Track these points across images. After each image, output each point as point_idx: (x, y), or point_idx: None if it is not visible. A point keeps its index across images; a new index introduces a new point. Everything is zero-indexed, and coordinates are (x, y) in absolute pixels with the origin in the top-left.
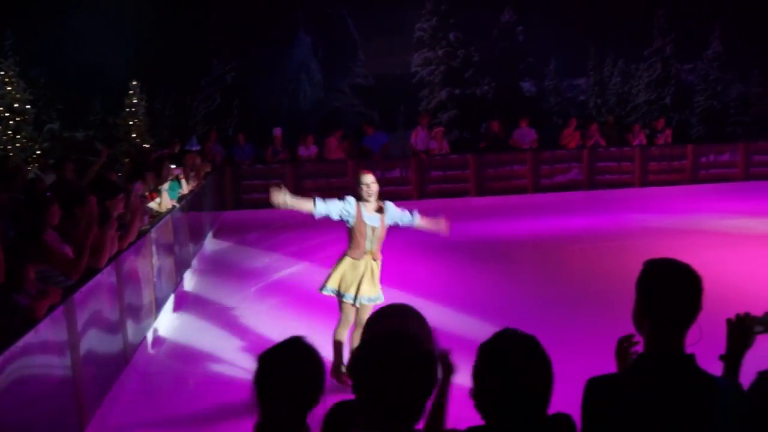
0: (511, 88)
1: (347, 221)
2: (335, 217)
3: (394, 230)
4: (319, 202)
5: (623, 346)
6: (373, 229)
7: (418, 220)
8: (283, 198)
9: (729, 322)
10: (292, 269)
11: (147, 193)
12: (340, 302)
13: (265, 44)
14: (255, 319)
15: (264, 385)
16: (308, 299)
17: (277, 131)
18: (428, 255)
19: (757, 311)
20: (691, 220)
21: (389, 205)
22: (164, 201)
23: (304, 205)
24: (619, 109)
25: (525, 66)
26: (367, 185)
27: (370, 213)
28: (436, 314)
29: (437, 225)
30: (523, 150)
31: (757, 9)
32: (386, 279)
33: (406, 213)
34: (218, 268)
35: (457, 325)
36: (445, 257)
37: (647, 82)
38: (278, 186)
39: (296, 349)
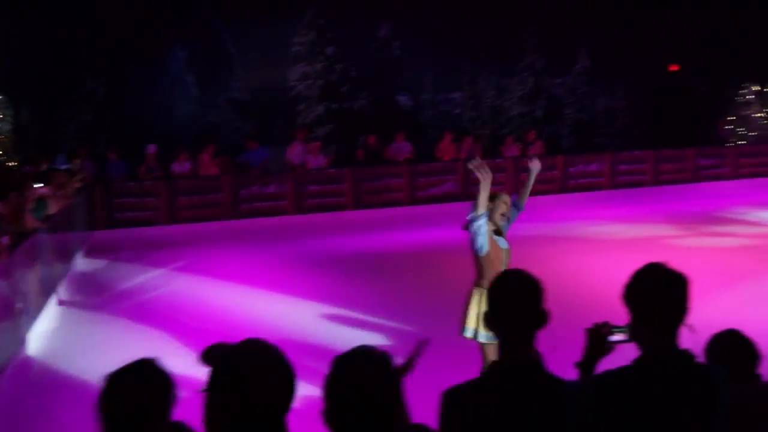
0: (387, 103)
1: (482, 248)
2: (480, 241)
3: (272, 246)
4: (485, 213)
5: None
6: (507, 252)
7: (521, 200)
8: (485, 174)
9: (587, 330)
10: (167, 287)
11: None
12: (482, 345)
13: (139, 58)
14: (128, 339)
15: (107, 407)
16: (182, 317)
17: (151, 148)
18: (306, 270)
19: (620, 313)
20: (562, 228)
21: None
22: (28, 221)
23: (483, 199)
24: (493, 122)
25: (401, 80)
26: (507, 205)
27: (496, 235)
28: (312, 329)
29: (533, 170)
30: (399, 163)
31: (621, 26)
32: (264, 296)
33: (512, 209)
34: (89, 288)
35: (331, 338)
36: (322, 272)
37: (520, 96)
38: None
39: (143, 370)
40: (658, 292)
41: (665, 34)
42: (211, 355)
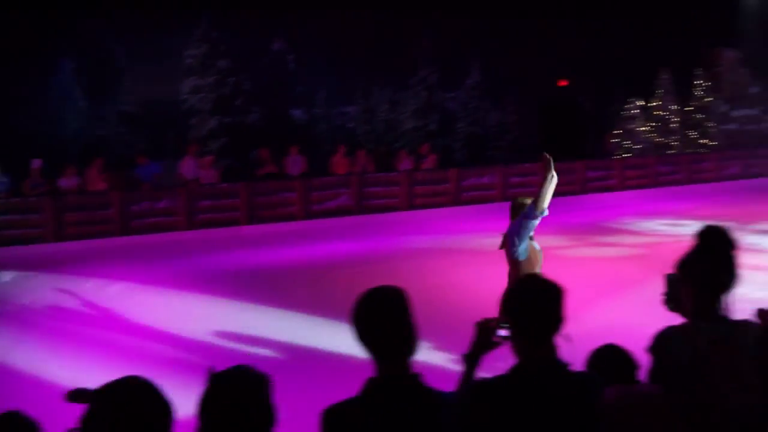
0: (281, 116)
1: (523, 252)
2: (522, 247)
3: (164, 263)
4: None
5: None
6: (541, 252)
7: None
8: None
9: (475, 324)
10: (53, 307)
11: None
12: None
13: (25, 70)
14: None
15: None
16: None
17: (36, 163)
18: (199, 287)
19: None
20: (456, 240)
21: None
22: None
23: (547, 196)
24: (387, 135)
25: (295, 94)
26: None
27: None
28: (204, 347)
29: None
30: (292, 177)
31: (511, 42)
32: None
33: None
34: None
35: (222, 355)
36: (215, 288)
37: (413, 110)
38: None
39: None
40: (532, 303)
41: (554, 50)
42: (78, 395)
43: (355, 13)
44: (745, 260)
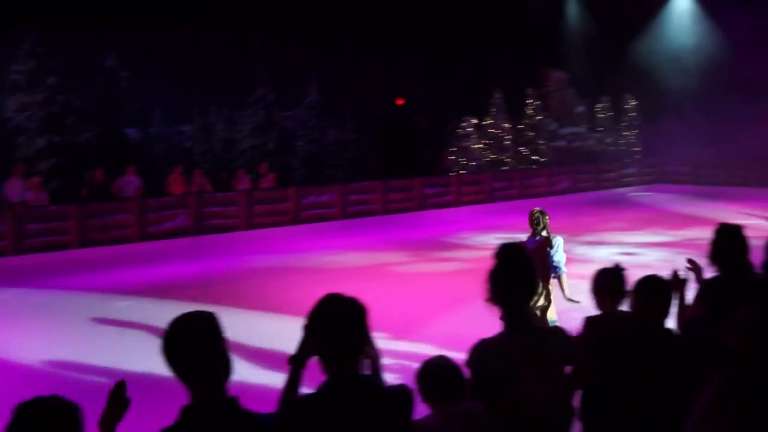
0: (115, 135)
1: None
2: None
3: None
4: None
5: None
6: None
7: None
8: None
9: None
10: None
11: None
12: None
13: None
14: None
15: None
16: None
17: None
18: (26, 314)
19: None
20: (297, 259)
21: None
22: None
23: None
24: (224, 154)
25: (130, 112)
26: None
27: None
28: (30, 375)
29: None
30: (127, 198)
31: (349, 60)
32: None
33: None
34: None
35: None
36: (44, 315)
37: (251, 129)
38: None
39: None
40: (334, 322)
41: (392, 69)
42: None
43: (191, 30)
44: (575, 270)
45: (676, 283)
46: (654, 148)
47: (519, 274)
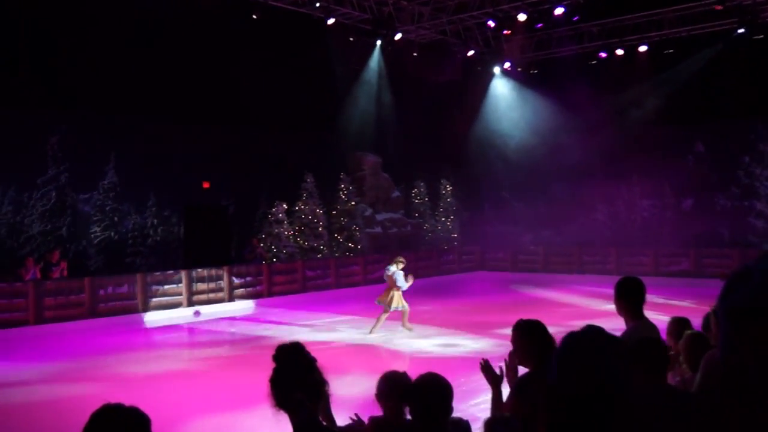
0: None
1: None
2: None
3: None
4: None
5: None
6: None
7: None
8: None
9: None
10: None
11: None
12: None
13: None
14: None
15: None
16: None
17: None
18: None
19: None
20: (92, 361)
21: None
22: None
23: None
24: (11, 240)
25: None
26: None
27: None
28: None
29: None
30: None
31: (151, 139)
32: None
33: None
34: None
35: None
36: None
37: (41, 212)
38: None
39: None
40: None
41: (198, 152)
42: None
43: None
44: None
45: (493, 379)
46: (472, 235)
47: (299, 375)
